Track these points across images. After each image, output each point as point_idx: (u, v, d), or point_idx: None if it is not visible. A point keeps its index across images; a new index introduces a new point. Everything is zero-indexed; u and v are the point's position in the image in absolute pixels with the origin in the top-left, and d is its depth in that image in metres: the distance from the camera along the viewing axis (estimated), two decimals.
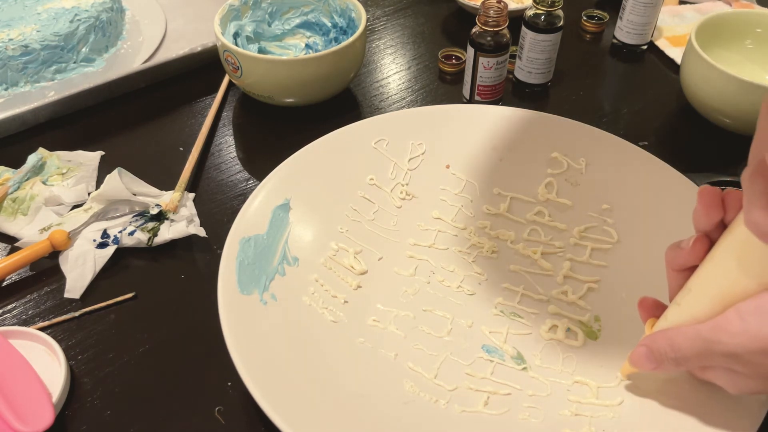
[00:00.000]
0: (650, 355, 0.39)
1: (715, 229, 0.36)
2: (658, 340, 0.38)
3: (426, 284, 0.52)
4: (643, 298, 0.42)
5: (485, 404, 0.44)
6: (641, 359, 0.40)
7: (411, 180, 0.59)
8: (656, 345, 0.38)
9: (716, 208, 0.35)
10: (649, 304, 0.42)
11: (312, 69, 0.65)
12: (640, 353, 0.40)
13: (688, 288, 0.38)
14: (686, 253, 0.37)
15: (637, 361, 0.40)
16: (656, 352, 0.38)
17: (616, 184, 0.56)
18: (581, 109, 0.72)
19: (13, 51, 0.70)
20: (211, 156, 0.66)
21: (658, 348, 0.38)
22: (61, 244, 0.54)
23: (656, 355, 0.38)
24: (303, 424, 0.40)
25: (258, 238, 0.51)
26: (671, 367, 0.38)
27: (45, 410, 0.42)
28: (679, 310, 0.38)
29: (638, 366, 0.40)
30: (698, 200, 0.36)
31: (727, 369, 0.36)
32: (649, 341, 0.39)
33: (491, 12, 0.64)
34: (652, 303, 0.42)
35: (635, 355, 0.40)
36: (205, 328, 0.49)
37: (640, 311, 0.43)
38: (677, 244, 0.38)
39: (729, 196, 0.35)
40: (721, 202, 0.35)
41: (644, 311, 0.42)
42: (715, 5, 0.88)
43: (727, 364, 0.35)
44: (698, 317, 0.37)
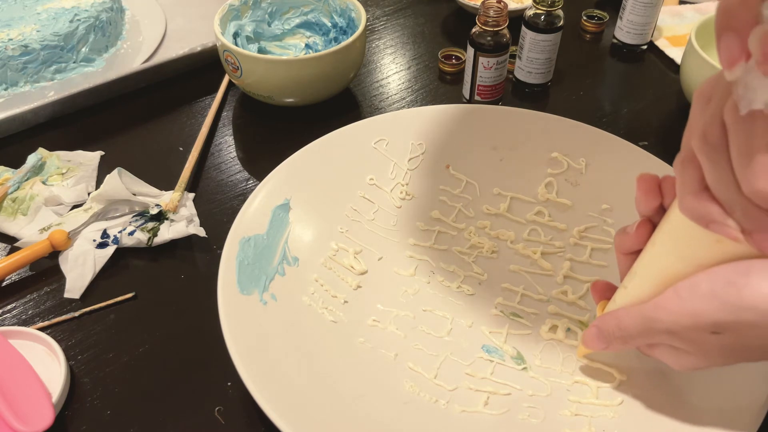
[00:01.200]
0: (600, 335, 0.41)
1: (656, 213, 0.38)
2: (606, 320, 0.40)
3: (426, 284, 0.52)
4: (596, 281, 0.44)
5: (485, 404, 0.44)
6: (592, 339, 0.41)
7: (411, 180, 0.59)
8: (605, 325, 0.40)
9: (654, 194, 0.37)
10: (600, 287, 0.44)
11: (312, 69, 0.65)
12: (590, 333, 0.41)
13: (634, 272, 0.39)
14: (631, 238, 0.39)
15: (589, 342, 0.42)
16: (605, 331, 0.40)
17: (616, 184, 0.56)
18: (581, 109, 0.72)
19: (13, 51, 0.70)
20: (211, 156, 0.66)
21: (606, 328, 0.40)
22: (61, 244, 0.54)
23: (605, 335, 0.40)
24: (303, 424, 0.40)
25: (258, 238, 0.51)
26: (619, 345, 0.40)
27: (45, 410, 0.42)
28: (626, 292, 0.40)
29: (590, 346, 0.42)
30: (637, 187, 0.38)
31: (669, 346, 0.37)
32: (599, 322, 0.41)
33: (491, 12, 0.64)
34: (604, 285, 0.44)
35: (587, 336, 0.42)
36: (205, 328, 0.49)
37: (592, 293, 0.44)
38: (623, 229, 0.40)
39: (666, 182, 0.37)
40: (658, 188, 0.37)
41: (596, 293, 0.44)
42: (715, 5, 0.87)
43: (669, 341, 0.37)
44: (643, 298, 0.38)
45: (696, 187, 0.31)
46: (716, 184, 0.30)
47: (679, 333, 0.35)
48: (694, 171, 0.31)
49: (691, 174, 0.31)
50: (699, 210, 0.31)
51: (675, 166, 0.33)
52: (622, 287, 0.40)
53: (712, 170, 0.30)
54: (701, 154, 0.30)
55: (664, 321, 0.35)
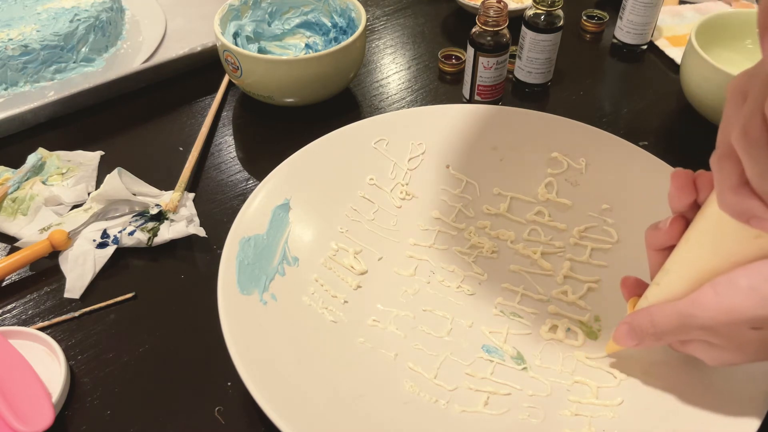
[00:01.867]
0: (632, 332, 0.40)
1: (690, 209, 0.37)
2: (639, 317, 0.40)
3: (426, 284, 0.52)
4: (626, 277, 0.44)
5: (485, 404, 0.44)
6: (623, 336, 0.41)
7: (411, 180, 0.59)
8: (637, 322, 0.40)
9: (689, 190, 0.37)
10: (630, 283, 0.44)
11: (312, 69, 0.65)
12: (622, 331, 0.41)
13: (666, 268, 0.39)
14: (664, 234, 0.39)
15: (620, 338, 0.41)
16: (637, 328, 0.40)
17: (616, 184, 0.56)
18: (581, 109, 0.72)
19: (13, 51, 0.70)
20: (211, 156, 0.66)
21: (639, 325, 0.40)
22: (61, 244, 0.54)
23: (637, 332, 0.40)
24: (303, 424, 0.40)
25: (258, 238, 0.51)
26: (652, 342, 0.40)
27: (45, 410, 0.42)
28: (659, 289, 0.39)
29: (621, 343, 0.42)
30: (671, 183, 0.37)
31: (704, 342, 0.37)
32: (631, 319, 0.40)
33: (491, 12, 0.64)
34: (634, 282, 0.44)
35: (618, 333, 0.42)
36: (205, 328, 0.49)
37: (622, 290, 0.44)
38: (655, 225, 0.39)
39: (701, 178, 0.37)
40: (693, 184, 0.37)
41: (626, 290, 0.44)
42: (715, 5, 0.88)
43: (704, 337, 0.36)
44: (676, 295, 0.38)
45: (735, 182, 0.31)
46: (758, 178, 0.29)
47: (716, 329, 0.35)
48: (732, 166, 0.31)
49: (729, 170, 0.31)
50: (739, 206, 0.31)
51: (712, 162, 0.32)
52: (654, 284, 0.40)
53: (752, 165, 0.29)
54: (741, 149, 0.30)
55: (701, 317, 0.35)
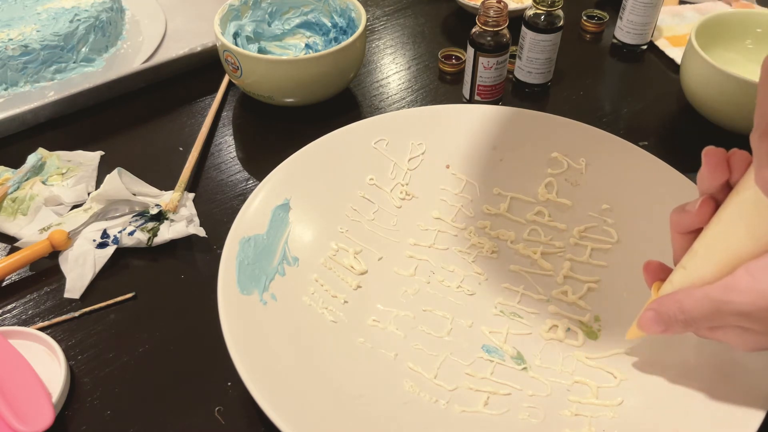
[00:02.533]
0: (659, 318, 0.39)
1: (720, 190, 0.36)
2: (666, 303, 0.38)
3: (426, 284, 0.52)
4: (649, 261, 0.42)
5: (485, 404, 0.44)
6: (650, 323, 0.39)
7: (411, 180, 0.59)
8: (664, 308, 0.38)
9: (722, 169, 0.35)
10: (654, 267, 0.42)
11: (312, 69, 0.65)
12: (648, 317, 0.39)
13: (694, 251, 0.37)
14: (692, 216, 0.37)
15: (646, 325, 0.40)
16: (665, 315, 0.38)
17: (616, 184, 0.56)
18: (581, 109, 0.72)
19: (13, 51, 0.70)
20: (211, 156, 0.66)
21: (667, 311, 0.38)
22: (60, 244, 0.54)
23: (665, 318, 0.38)
24: (303, 424, 0.40)
25: (258, 238, 0.51)
26: (680, 329, 0.38)
27: (45, 410, 0.42)
28: (686, 273, 0.38)
29: (647, 330, 0.40)
30: (704, 161, 0.36)
31: (737, 327, 0.36)
32: (657, 305, 0.39)
33: (491, 12, 0.64)
34: (657, 266, 0.42)
35: (644, 320, 0.40)
36: (205, 328, 0.49)
37: (645, 275, 0.42)
38: (682, 207, 0.38)
39: (734, 157, 0.35)
40: (726, 163, 0.35)
41: (649, 275, 0.42)
42: (715, 5, 0.88)
43: (739, 322, 0.35)
44: (705, 279, 0.36)
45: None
46: None
47: (752, 314, 0.34)
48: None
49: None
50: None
51: (752, 140, 0.31)
52: (681, 267, 0.38)
53: None
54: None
55: (737, 302, 0.34)
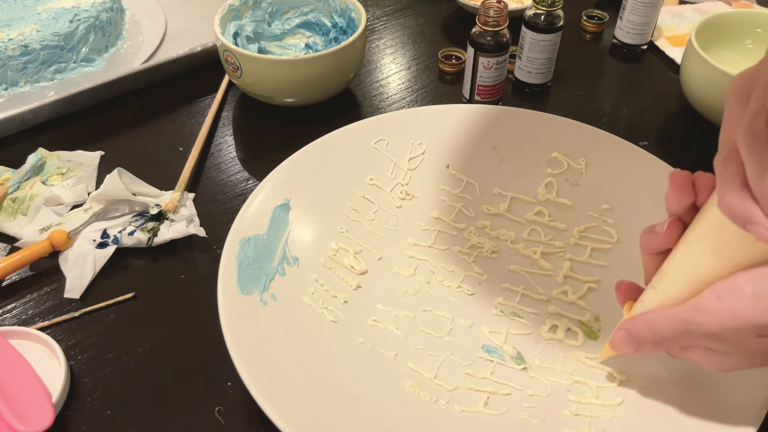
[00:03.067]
0: (630, 339, 0.39)
1: (688, 212, 0.37)
2: (637, 323, 0.39)
3: (426, 284, 0.52)
4: (620, 282, 0.43)
5: (485, 404, 0.44)
6: (621, 343, 0.40)
7: (411, 180, 0.59)
8: (635, 328, 0.39)
9: (687, 192, 0.36)
10: (625, 287, 0.43)
11: (312, 69, 0.65)
12: (620, 337, 0.40)
13: (664, 272, 0.38)
14: (661, 237, 0.38)
15: (618, 345, 0.40)
16: (635, 335, 0.39)
17: (616, 184, 0.56)
18: (581, 109, 0.72)
19: (13, 51, 0.70)
20: (211, 156, 0.66)
21: (637, 332, 0.39)
22: (61, 244, 0.54)
23: (636, 339, 0.39)
24: (303, 424, 0.40)
25: (258, 238, 0.51)
26: (650, 348, 0.39)
27: (45, 410, 0.42)
28: (655, 293, 0.38)
29: (618, 349, 0.41)
30: (669, 184, 0.36)
31: (705, 348, 0.36)
32: (629, 325, 0.39)
33: (491, 12, 0.64)
34: (629, 286, 0.42)
35: (615, 340, 0.41)
36: (205, 328, 0.49)
37: (617, 294, 0.43)
38: (651, 228, 0.39)
39: (700, 180, 0.36)
40: (692, 186, 0.36)
41: (621, 294, 0.43)
42: (715, 5, 0.88)
43: (707, 343, 0.35)
44: (674, 300, 0.37)
45: (738, 184, 0.30)
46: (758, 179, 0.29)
47: (720, 335, 0.34)
48: (736, 168, 0.30)
49: (733, 171, 0.30)
50: (738, 209, 0.30)
51: (716, 164, 0.32)
52: (651, 288, 0.39)
53: (754, 164, 0.29)
54: (745, 147, 0.29)
55: (704, 324, 0.34)
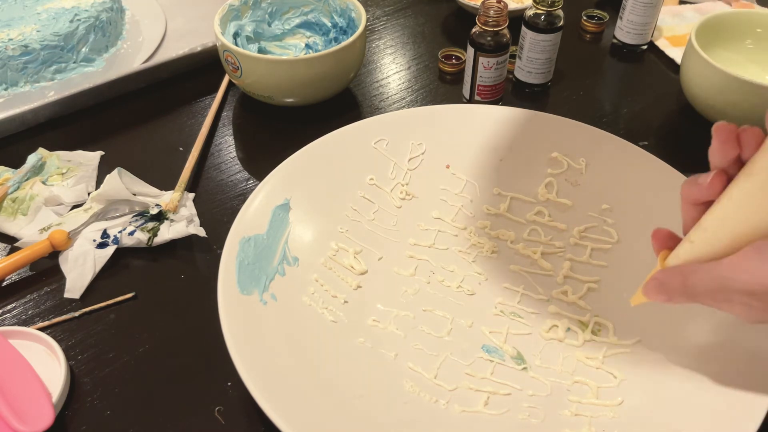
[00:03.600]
0: (662, 289, 0.39)
1: (732, 165, 0.36)
2: (671, 275, 0.38)
3: (426, 284, 0.52)
4: (658, 229, 0.42)
5: (485, 404, 0.44)
6: (654, 292, 0.40)
7: (411, 180, 0.59)
8: (669, 280, 0.38)
9: (732, 145, 0.35)
10: (663, 235, 0.41)
11: (312, 69, 0.65)
12: (653, 286, 0.40)
13: (703, 226, 0.37)
14: (704, 189, 0.37)
15: (650, 293, 0.40)
16: (668, 287, 0.38)
17: (616, 184, 0.56)
18: (581, 109, 0.72)
19: (13, 51, 0.70)
20: (211, 156, 0.66)
21: (671, 283, 0.38)
22: (61, 244, 0.54)
23: (668, 290, 0.38)
24: (303, 424, 0.40)
25: (258, 238, 0.51)
26: (682, 301, 0.38)
27: (45, 410, 0.42)
28: (692, 247, 0.38)
29: (651, 298, 0.40)
30: (714, 137, 0.36)
31: (741, 303, 0.36)
32: (663, 276, 0.39)
33: (491, 12, 0.64)
34: (666, 234, 0.41)
35: (648, 288, 0.40)
36: (205, 328, 0.49)
37: (653, 242, 0.42)
38: (695, 180, 0.38)
39: (745, 134, 0.35)
40: (737, 139, 0.35)
41: (657, 242, 0.41)
42: (715, 5, 0.88)
43: (743, 300, 0.35)
44: (711, 254, 0.36)
45: None
46: None
47: (759, 294, 0.34)
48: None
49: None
50: None
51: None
52: (688, 241, 0.38)
53: None
54: None
55: (743, 281, 0.34)
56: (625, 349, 0.47)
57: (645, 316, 0.48)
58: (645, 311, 0.48)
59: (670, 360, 0.45)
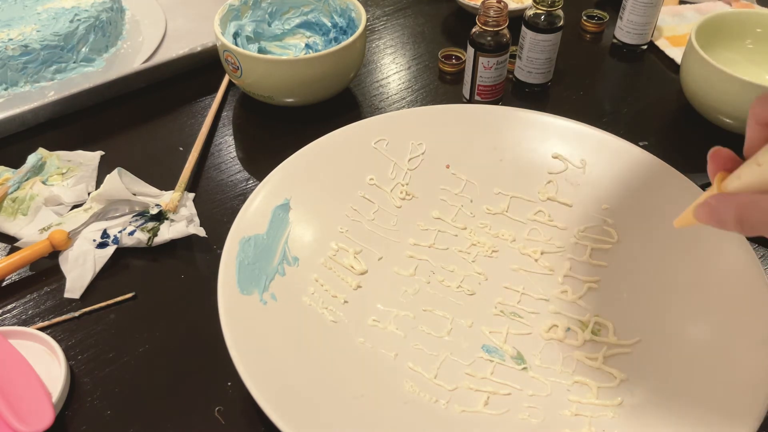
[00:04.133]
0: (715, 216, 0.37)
1: None
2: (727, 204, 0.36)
3: (426, 284, 0.52)
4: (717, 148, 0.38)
5: (485, 404, 0.44)
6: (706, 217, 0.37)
7: (411, 180, 0.59)
8: (723, 208, 0.36)
9: None
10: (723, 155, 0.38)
11: (312, 69, 0.65)
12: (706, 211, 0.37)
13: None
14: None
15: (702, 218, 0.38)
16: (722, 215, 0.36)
17: (616, 184, 0.56)
18: (581, 109, 0.72)
19: (13, 51, 0.70)
20: (211, 156, 0.66)
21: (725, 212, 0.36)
22: (61, 244, 0.54)
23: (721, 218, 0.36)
24: (303, 424, 0.40)
25: (258, 238, 0.51)
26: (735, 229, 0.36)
27: (45, 410, 0.42)
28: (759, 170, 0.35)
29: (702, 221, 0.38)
30: None
31: None
32: (717, 202, 0.37)
33: (491, 12, 0.64)
34: (727, 155, 0.38)
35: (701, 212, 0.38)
36: (205, 328, 0.49)
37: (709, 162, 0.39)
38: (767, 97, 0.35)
39: None
40: None
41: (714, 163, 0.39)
42: (715, 5, 0.88)
43: None
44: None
45: None
46: None
47: None
48: None
49: None
50: None
51: None
52: (754, 163, 0.35)
53: None
54: None
55: None
56: (625, 349, 0.47)
57: (645, 316, 0.48)
58: (645, 311, 0.48)
59: (670, 360, 0.45)
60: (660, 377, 0.44)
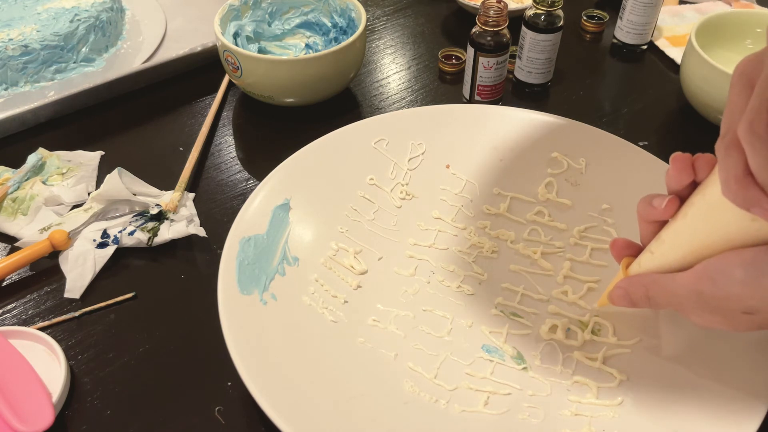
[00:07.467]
0: (627, 297, 0.43)
1: (686, 189, 0.40)
2: (634, 286, 0.43)
3: (426, 284, 0.52)
4: (616, 239, 0.46)
5: (485, 404, 0.44)
6: (619, 299, 0.44)
7: (411, 180, 0.59)
8: (633, 289, 0.43)
9: (688, 172, 0.39)
10: (621, 244, 0.46)
11: (312, 69, 0.65)
12: (618, 294, 0.44)
13: (661, 239, 0.41)
14: (659, 212, 0.41)
15: (615, 300, 0.44)
16: (632, 295, 0.43)
17: (616, 184, 0.56)
18: (581, 109, 0.72)
19: (13, 51, 0.70)
20: (211, 156, 0.66)
21: (634, 292, 0.43)
22: (61, 244, 0.54)
23: (632, 298, 0.43)
24: (303, 424, 0.40)
25: (258, 238, 0.51)
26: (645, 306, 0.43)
27: (45, 410, 0.42)
28: (652, 257, 0.42)
29: (616, 304, 0.45)
30: (672, 165, 0.39)
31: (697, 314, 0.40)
32: (627, 285, 0.43)
33: (491, 12, 0.64)
34: (624, 243, 0.46)
35: (614, 295, 0.44)
36: (205, 328, 0.49)
37: (612, 251, 0.46)
38: (649, 201, 0.41)
39: (699, 161, 0.39)
40: (692, 167, 0.39)
41: (616, 251, 0.46)
42: (715, 5, 0.88)
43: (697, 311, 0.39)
44: (669, 265, 0.40)
45: (740, 172, 0.32)
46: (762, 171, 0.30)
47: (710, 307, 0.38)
48: (738, 156, 0.32)
49: (735, 159, 0.32)
50: (743, 195, 0.32)
51: (717, 150, 0.33)
52: (648, 252, 0.42)
53: (757, 158, 0.30)
54: (747, 142, 0.30)
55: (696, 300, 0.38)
56: (625, 349, 0.47)
57: (645, 316, 0.48)
58: (645, 311, 0.48)
59: (670, 360, 0.45)
60: (660, 377, 0.44)
